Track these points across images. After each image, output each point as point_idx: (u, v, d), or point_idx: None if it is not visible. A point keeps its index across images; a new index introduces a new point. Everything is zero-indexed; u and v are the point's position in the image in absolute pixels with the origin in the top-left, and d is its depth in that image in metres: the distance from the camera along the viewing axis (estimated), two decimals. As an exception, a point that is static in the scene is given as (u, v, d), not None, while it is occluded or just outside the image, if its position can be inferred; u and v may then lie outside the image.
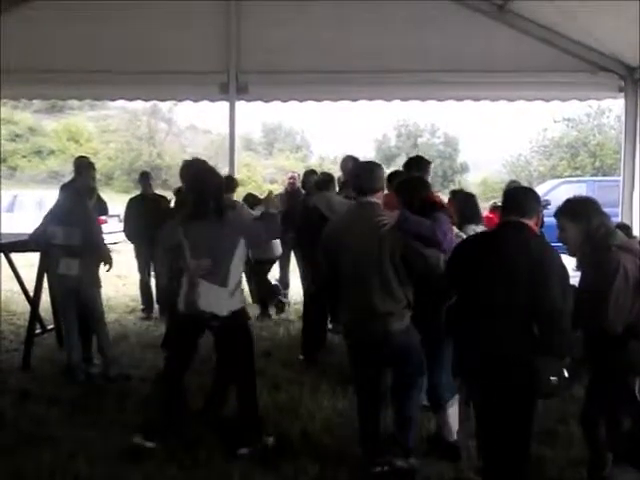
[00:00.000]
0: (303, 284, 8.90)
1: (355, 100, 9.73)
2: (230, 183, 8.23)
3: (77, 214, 6.84)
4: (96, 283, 7.00)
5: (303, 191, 9.73)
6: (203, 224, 5.10)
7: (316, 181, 8.29)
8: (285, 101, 9.84)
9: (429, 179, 6.25)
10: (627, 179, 9.35)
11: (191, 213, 5.20)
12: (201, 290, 5.03)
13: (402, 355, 4.73)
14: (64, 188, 7.75)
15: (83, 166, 8.12)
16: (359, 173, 4.97)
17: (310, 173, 9.75)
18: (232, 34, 9.30)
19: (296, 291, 10.42)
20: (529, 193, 4.22)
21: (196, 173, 5.45)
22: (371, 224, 4.59)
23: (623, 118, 9.53)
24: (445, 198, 6.09)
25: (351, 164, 7.80)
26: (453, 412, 5.07)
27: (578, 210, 4.40)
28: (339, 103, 9.88)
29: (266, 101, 9.80)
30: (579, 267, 4.57)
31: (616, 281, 4.14)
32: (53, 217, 6.96)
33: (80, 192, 7.14)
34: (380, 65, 9.19)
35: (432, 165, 6.81)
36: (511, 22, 9.15)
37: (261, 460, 4.96)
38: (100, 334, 7.06)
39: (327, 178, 8.03)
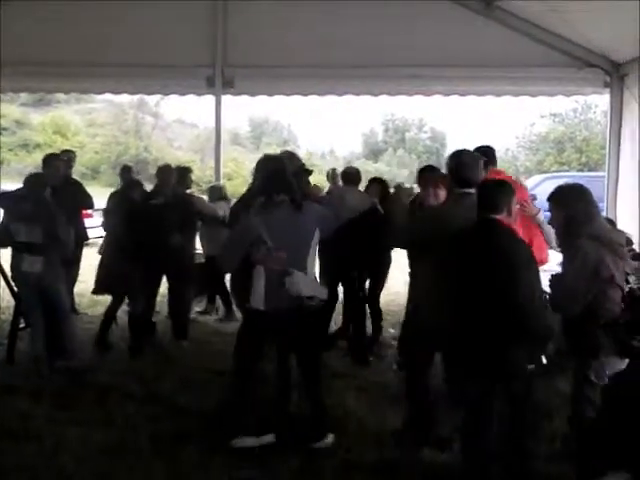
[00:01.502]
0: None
1: (341, 95, 9.73)
2: (184, 174, 8.24)
3: (39, 210, 6.73)
4: (60, 280, 6.91)
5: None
6: (282, 215, 5.04)
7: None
8: (271, 95, 9.85)
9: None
10: (612, 174, 9.41)
11: (268, 203, 5.09)
12: (294, 277, 4.93)
13: None
14: (26, 182, 7.51)
15: (47, 159, 8.00)
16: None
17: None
18: (219, 28, 9.28)
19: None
20: (499, 188, 4.29)
21: (276, 164, 5.40)
22: None
23: (609, 114, 9.57)
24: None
25: None
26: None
27: (562, 197, 4.53)
28: (326, 97, 9.87)
29: (252, 95, 9.79)
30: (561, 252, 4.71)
31: (572, 265, 4.30)
32: (14, 212, 6.88)
33: (41, 186, 7.01)
34: (367, 60, 9.19)
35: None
36: (498, 18, 9.18)
37: (244, 455, 4.96)
38: (65, 330, 6.97)
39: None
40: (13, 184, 21.44)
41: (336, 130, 49.16)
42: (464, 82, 9.46)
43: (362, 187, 7.76)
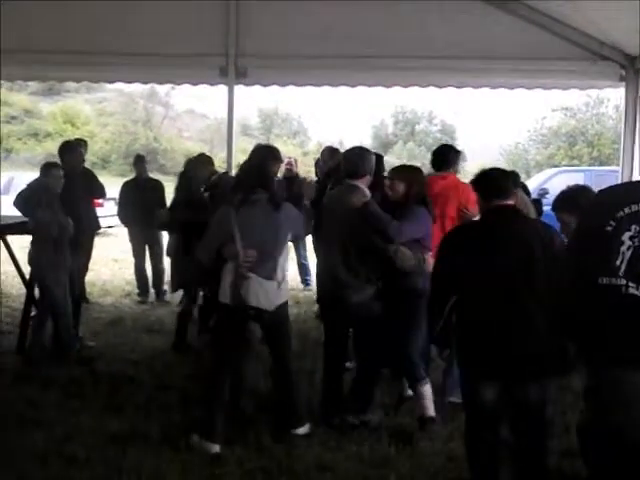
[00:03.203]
0: None
1: (354, 86, 9.64)
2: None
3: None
4: (54, 268, 6.81)
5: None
6: (255, 212, 4.96)
7: None
8: (284, 86, 9.77)
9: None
10: (626, 168, 9.31)
11: (245, 199, 5.00)
12: (250, 284, 4.86)
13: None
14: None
15: (68, 147, 8.01)
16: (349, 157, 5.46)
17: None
18: (232, 17, 9.20)
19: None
20: (505, 174, 4.21)
21: (259, 159, 5.40)
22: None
23: (623, 107, 9.48)
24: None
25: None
26: (427, 389, 5.34)
27: (572, 201, 4.41)
28: (339, 89, 9.81)
29: (265, 85, 9.73)
30: None
31: None
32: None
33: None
34: (381, 51, 9.10)
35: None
36: (512, 9, 9.07)
37: (256, 446, 4.96)
38: (59, 320, 6.91)
39: None
40: (23, 173, 21.57)
41: (346, 122, 48.98)
42: (477, 74, 9.33)
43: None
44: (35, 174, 7.50)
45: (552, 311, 3.59)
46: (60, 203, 6.87)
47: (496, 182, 4.09)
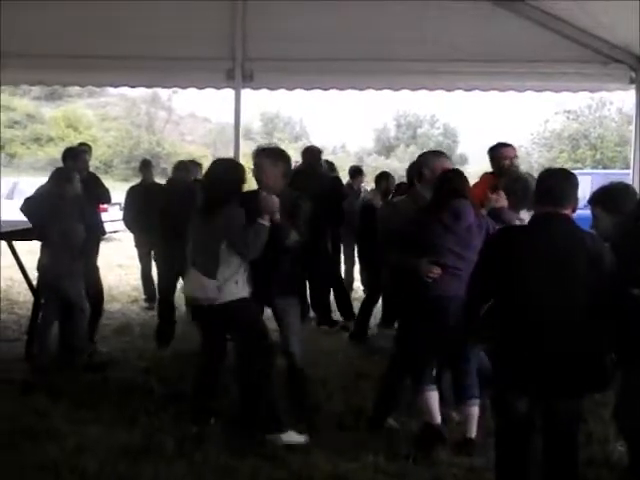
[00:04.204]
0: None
1: (362, 89, 9.57)
2: None
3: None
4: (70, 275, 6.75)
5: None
6: (204, 217, 5.18)
7: None
8: (291, 89, 9.68)
9: None
10: (637, 172, 9.22)
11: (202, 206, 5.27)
12: (190, 277, 5.20)
13: None
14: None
15: (74, 153, 7.95)
16: None
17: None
18: (237, 20, 9.13)
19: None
20: (568, 179, 3.90)
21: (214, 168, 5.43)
22: None
23: (634, 111, 9.35)
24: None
25: None
26: (475, 410, 5.05)
27: (611, 199, 4.28)
28: (346, 92, 9.72)
29: (272, 89, 9.65)
30: None
31: None
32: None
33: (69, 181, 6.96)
34: (388, 54, 9.01)
35: None
36: (521, 11, 8.99)
37: (271, 456, 4.85)
38: (73, 327, 6.85)
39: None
40: (27, 178, 21.52)
41: (348, 125, 49.00)
42: (486, 77, 9.28)
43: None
44: (38, 179, 7.42)
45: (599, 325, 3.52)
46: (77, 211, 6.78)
47: (549, 187, 3.86)
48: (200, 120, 43.66)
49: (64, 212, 6.69)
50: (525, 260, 3.76)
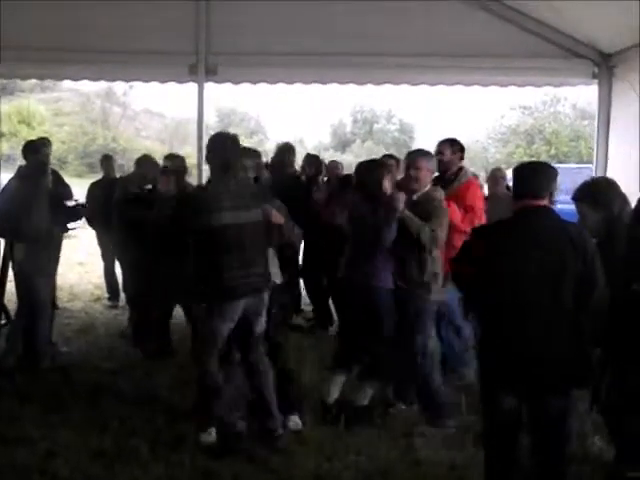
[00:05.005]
0: None
1: (326, 83, 9.50)
2: None
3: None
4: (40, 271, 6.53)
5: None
6: None
7: None
8: (255, 83, 9.56)
9: None
10: (600, 166, 9.31)
11: None
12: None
13: None
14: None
15: (38, 146, 7.63)
16: None
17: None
18: (201, 14, 8.98)
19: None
20: (541, 170, 3.88)
21: None
22: None
23: (596, 106, 9.45)
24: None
25: None
26: None
27: (599, 195, 4.26)
28: (310, 86, 9.67)
29: (236, 83, 9.51)
30: None
31: None
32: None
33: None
34: (353, 49, 8.94)
35: None
36: (486, 6, 8.99)
37: (250, 458, 4.75)
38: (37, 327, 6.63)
39: None
40: (-19, 174, 20.84)
41: (305, 121, 49.03)
42: (451, 72, 9.24)
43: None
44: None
45: (583, 319, 3.47)
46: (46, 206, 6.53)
47: (525, 179, 3.83)
48: (155, 116, 43.18)
49: (40, 208, 6.42)
50: (509, 256, 3.71)
